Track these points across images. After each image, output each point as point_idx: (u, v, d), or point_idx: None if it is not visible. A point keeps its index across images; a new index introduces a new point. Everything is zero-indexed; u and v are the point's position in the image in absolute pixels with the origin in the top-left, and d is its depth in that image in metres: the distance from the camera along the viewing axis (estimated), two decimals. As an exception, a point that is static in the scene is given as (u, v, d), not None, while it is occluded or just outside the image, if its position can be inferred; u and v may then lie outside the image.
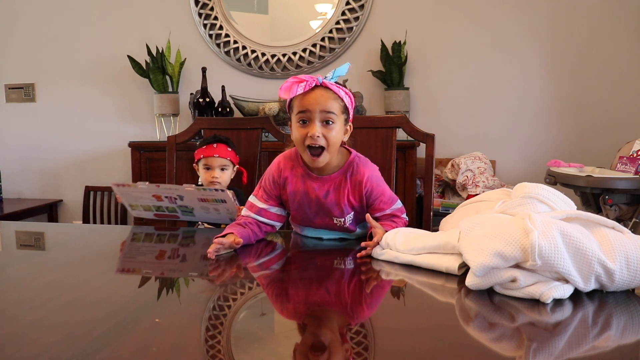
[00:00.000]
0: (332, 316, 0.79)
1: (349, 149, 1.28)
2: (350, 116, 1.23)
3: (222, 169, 1.70)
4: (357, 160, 1.25)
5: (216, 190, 1.36)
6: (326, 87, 1.16)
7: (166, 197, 1.42)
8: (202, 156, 1.71)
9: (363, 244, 1.13)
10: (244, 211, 1.30)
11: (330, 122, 1.15)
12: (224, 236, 1.16)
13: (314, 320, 0.77)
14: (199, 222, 1.61)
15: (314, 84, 1.15)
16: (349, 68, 1.23)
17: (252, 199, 1.31)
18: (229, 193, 1.37)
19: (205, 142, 1.73)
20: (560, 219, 0.84)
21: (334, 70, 1.18)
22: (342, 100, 1.18)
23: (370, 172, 1.25)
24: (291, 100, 1.19)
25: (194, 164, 1.77)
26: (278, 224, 1.33)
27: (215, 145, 1.71)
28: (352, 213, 1.26)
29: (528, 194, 0.94)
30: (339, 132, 1.18)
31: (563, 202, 0.95)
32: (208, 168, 1.70)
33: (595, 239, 0.81)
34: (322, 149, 1.16)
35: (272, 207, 1.29)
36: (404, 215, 1.30)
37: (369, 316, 0.79)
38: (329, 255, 1.17)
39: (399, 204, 1.29)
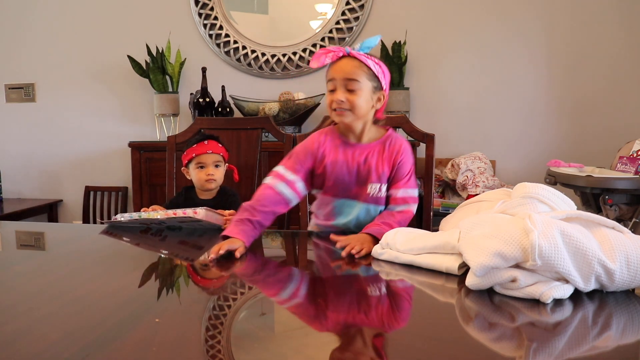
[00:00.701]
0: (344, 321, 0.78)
1: (386, 127, 1.34)
2: (384, 86, 1.27)
3: (216, 166, 1.65)
4: (394, 134, 1.33)
5: (187, 216, 1.31)
6: (353, 57, 1.23)
7: (152, 223, 1.41)
8: (194, 155, 1.63)
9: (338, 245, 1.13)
10: (270, 179, 1.28)
11: (355, 89, 1.22)
12: (225, 237, 1.14)
13: (317, 324, 0.77)
14: None
15: (341, 54, 1.24)
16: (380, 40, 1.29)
17: (279, 169, 1.29)
18: (202, 212, 1.31)
19: (194, 141, 1.66)
20: (560, 219, 0.84)
21: (363, 41, 1.26)
22: (370, 68, 1.23)
23: (407, 144, 1.32)
24: (326, 73, 1.28)
25: (182, 168, 1.69)
26: (296, 201, 1.31)
27: (206, 142, 1.64)
28: (386, 184, 1.30)
29: (528, 194, 0.94)
30: (364, 97, 1.23)
31: (563, 202, 0.95)
32: (202, 167, 1.62)
33: (595, 239, 0.81)
34: (347, 109, 1.23)
35: (299, 181, 1.29)
36: (412, 207, 1.30)
37: (369, 317, 0.79)
38: (329, 255, 1.17)
39: (415, 192, 1.32)
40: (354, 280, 0.99)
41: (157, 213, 1.37)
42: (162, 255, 1.21)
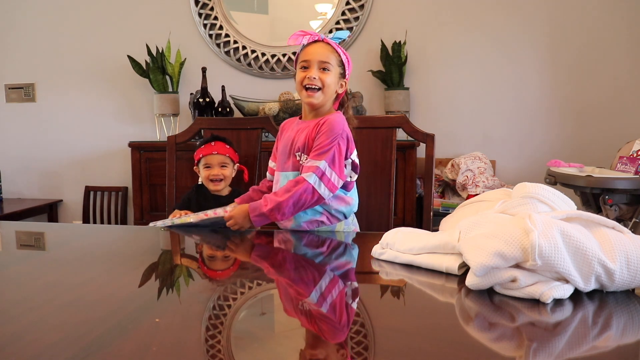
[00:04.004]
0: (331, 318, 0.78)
1: (338, 112, 1.43)
2: (346, 73, 1.42)
3: (223, 166, 1.70)
4: (336, 114, 1.40)
5: (218, 216, 1.38)
6: (326, 43, 1.38)
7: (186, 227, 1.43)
8: (201, 156, 1.71)
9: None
10: (268, 175, 1.55)
11: (327, 70, 1.36)
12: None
13: (313, 320, 0.77)
14: None
15: (316, 38, 1.39)
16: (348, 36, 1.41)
17: (270, 164, 1.54)
18: (227, 208, 1.39)
19: (203, 142, 1.74)
20: (560, 219, 0.84)
21: (335, 32, 1.42)
22: (339, 55, 1.39)
23: (333, 118, 1.37)
24: (297, 55, 1.41)
25: (194, 167, 1.76)
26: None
27: (213, 143, 1.71)
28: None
29: (528, 194, 0.94)
30: (333, 78, 1.38)
31: (563, 202, 0.95)
32: (208, 167, 1.70)
33: (595, 239, 0.81)
34: (317, 89, 1.36)
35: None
36: (310, 177, 1.30)
37: (369, 317, 0.79)
38: (326, 253, 1.17)
39: (323, 163, 1.31)
40: (353, 280, 0.98)
41: (188, 217, 1.41)
42: (195, 242, 1.31)
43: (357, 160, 1.41)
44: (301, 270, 1.08)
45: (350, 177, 1.41)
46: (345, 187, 1.40)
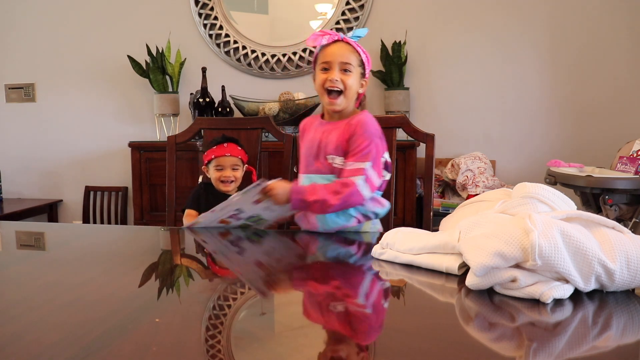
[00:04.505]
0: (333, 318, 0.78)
1: (363, 110, 1.40)
2: (366, 73, 1.41)
3: (234, 168, 1.69)
4: (364, 113, 1.38)
5: (257, 185, 1.26)
6: (346, 43, 1.36)
7: (230, 217, 1.35)
8: (213, 156, 1.68)
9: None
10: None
11: (348, 71, 1.34)
12: None
13: (314, 321, 0.77)
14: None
15: (335, 38, 1.36)
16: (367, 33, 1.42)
17: None
18: (270, 182, 1.28)
19: (215, 142, 1.71)
20: (560, 219, 0.84)
21: (354, 30, 1.41)
22: (360, 54, 1.37)
23: (364, 118, 1.33)
24: (316, 56, 1.39)
25: (202, 167, 1.74)
26: None
27: (225, 144, 1.69)
28: (343, 158, 1.34)
29: (528, 194, 0.94)
30: (355, 80, 1.36)
31: (563, 202, 0.95)
32: (220, 168, 1.68)
33: (595, 239, 0.81)
34: (339, 92, 1.33)
35: None
36: (357, 180, 1.27)
37: (369, 317, 0.79)
38: (328, 253, 1.17)
39: (368, 165, 1.29)
40: (353, 280, 0.98)
41: (228, 201, 1.29)
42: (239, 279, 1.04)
43: (389, 160, 1.39)
44: (301, 270, 1.08)
45: (384, 176, 1.38)
46: (379, 187, 1.37)
